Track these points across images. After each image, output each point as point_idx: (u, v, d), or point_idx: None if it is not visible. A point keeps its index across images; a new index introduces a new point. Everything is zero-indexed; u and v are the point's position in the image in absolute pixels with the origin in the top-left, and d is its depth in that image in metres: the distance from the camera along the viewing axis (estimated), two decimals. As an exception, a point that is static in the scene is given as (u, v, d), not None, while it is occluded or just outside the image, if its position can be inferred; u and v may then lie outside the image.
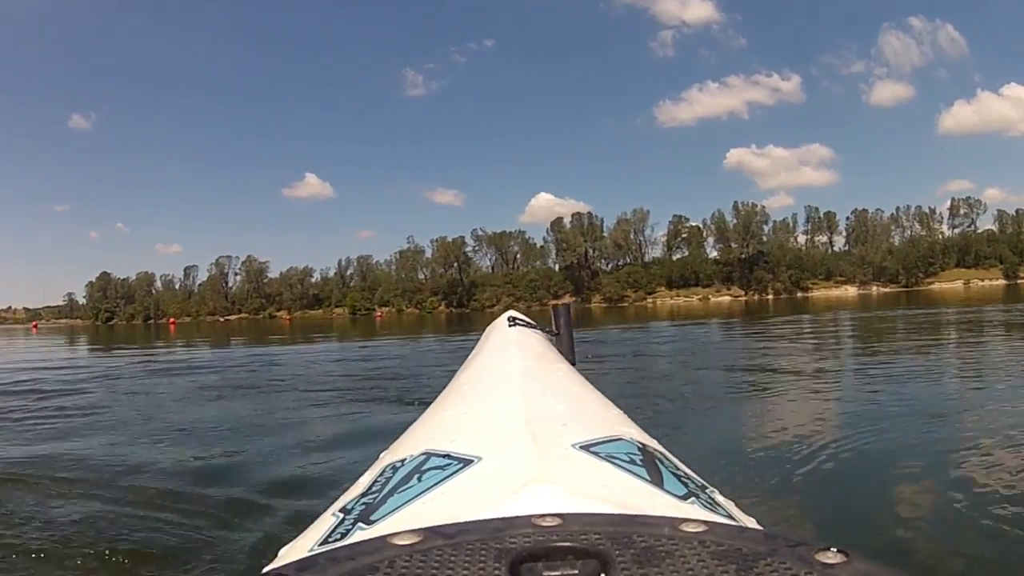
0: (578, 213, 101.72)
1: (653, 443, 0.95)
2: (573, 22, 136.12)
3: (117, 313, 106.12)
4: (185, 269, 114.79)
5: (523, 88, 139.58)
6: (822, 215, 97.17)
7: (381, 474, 0.83)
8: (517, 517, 0.54)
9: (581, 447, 0.79)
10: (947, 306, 25.11)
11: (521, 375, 1.21)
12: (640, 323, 26.12)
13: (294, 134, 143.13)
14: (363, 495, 0.77)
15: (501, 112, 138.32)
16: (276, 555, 0.72)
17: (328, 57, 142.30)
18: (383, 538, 0.50)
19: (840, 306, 34.80)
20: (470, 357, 1.65)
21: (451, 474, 0.74)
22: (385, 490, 0.76)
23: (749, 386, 6.61)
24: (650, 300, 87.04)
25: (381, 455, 0.96)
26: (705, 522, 0.52)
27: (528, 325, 1.86)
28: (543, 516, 0.53)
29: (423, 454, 0.83)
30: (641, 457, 0.82)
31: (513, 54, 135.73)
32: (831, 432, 4.09)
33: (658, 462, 0.82)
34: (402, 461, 0.84)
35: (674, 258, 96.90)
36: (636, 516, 0.56)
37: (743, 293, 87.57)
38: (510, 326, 1.79)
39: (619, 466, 0.76)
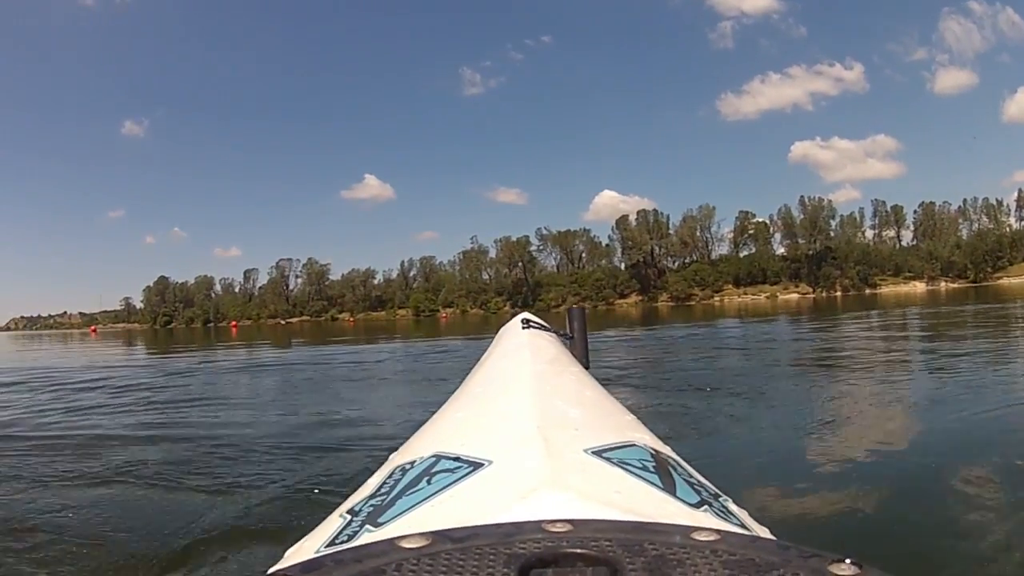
0: (643, 210, 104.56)
1: (666, 449, 0.99)
2: (630, 15, 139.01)
3: (176, 317, 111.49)
4: (245, 272, 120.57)
5: (582, 84, 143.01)
6: (889, 209, 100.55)
7: (390, 476, 0.86)
8: (527, 522, 0.57)
9: (593, 452, 0.83)
10: (1014, 301, 25.69)
11: (533, 378, 1.28)
12: (708, 321, 27.04)
13: (352, 136, 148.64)
14: (371, 497, 0.81)
15: (561, 109, 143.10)
16: (283, 556, 0.74)
17: (383, 58, 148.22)
18: (391, 541, 0.53)
19: (909, 302, 35.46)
20: (482, 359, 1.77)
21: (461, 477, 0.77)
22: (394, 492, 0.79)
23: (811, 383, 6.71)
24: (717, 298, 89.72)
25: (390, 456, 1.00)
26: (718, 531, 0.55)
27: (542, 328, 1.98)
28: (554, 522, 0.56)
29: (433, 456, 0.87)
30: (654, 464, 0.85)
31: (571, 49, 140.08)
32: (881, 439, 4.05)
33: (671, 469, 0.86)
34: (411, 463, 0.88)
35: (741, 255, 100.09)
36: (648, 524, 0.58)
37: (811, 290, 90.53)
38: (523, 328, 1.91)
39: (631, 472, 0.79)
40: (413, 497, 0.75)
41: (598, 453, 0.83)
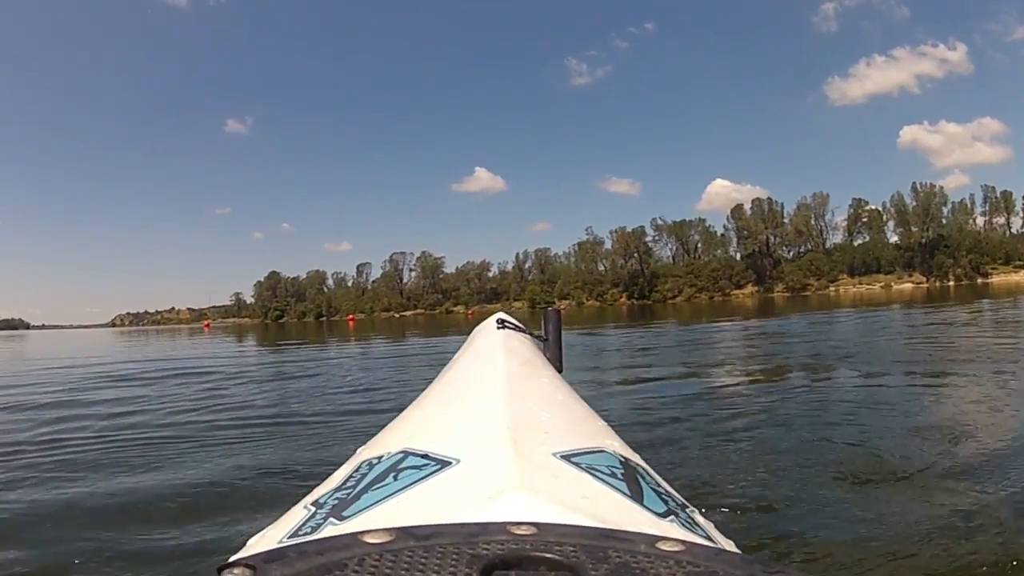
0: (757, 199, 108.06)
1: (635, 457, 1.02)
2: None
3: (287, 311, 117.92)
4: (358, 266, 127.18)
5: (689, 71, 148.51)
6: (999, 194, 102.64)
7: (357, 470, 0.90)
8: (492, 523, 0.59)
9: (562, 456, 0.86)
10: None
11: (505, 379, 1.30)
12: (826, 312, 26.55)
13: (460, 129, 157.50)
14: (337, 490, 0.84)
15: (669, 97, 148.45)
16: (245, 544, 0.78)
17: (489, 51, 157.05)
18: (354, 535, 0.55)
19: (1020, 292, 35.64)
20: (455, 357, 1.84)
21: (428, 475, 0.80)
22: (360, 486, 0.82)
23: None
24: (832, 288, 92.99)
25: (358, 450, 1.03)
26: (683, 542, 0.56)
27: (517, 329, 2.05)
28: (519, 524, 0.58)
29: (401, 452, 0.91)
30: (622, 471, 0.88)
31: (675, 36, 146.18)
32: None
33: (639, 477, 0.89)
34: (379, 458, 0.91)
35: (855, 244, 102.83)
36: (613, 531, 0.60)
37: (924, 280, 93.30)
38: (498, 328, 1.96)
39: (599, 479, 0.82)
40: (379, 492, 0.78)
41: (567, 457, 0.86)
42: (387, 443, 0.99)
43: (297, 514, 0.79)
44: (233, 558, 0.53)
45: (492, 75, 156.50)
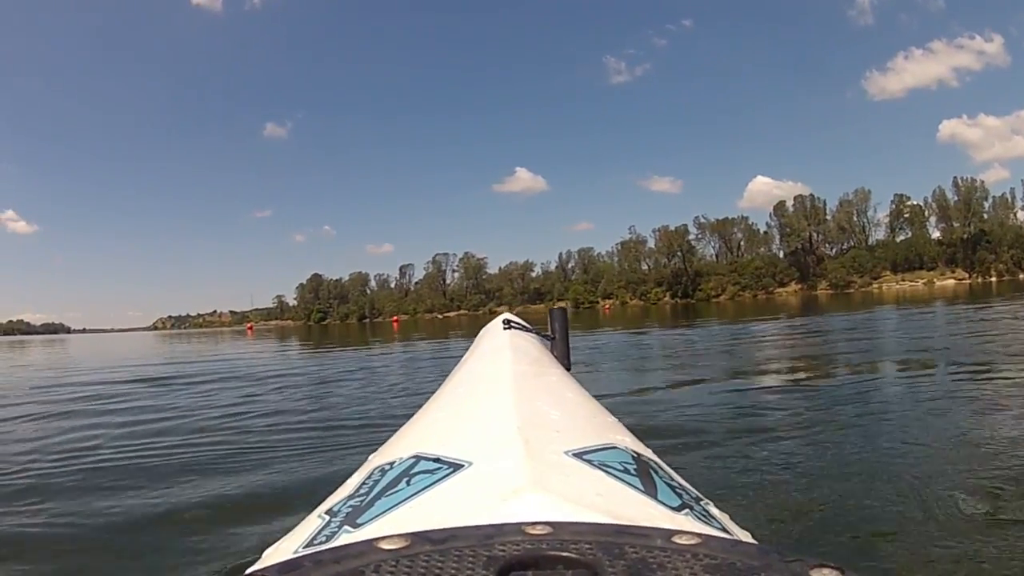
0: (800, 196, 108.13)
1: (647, 452, 1.04)
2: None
3: (330, 313, 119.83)
4: (401, 268, 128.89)
5: (727, 68, 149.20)
6: None
7: (369, 476, 0.92)
8: (507, 524, 0.60)
9: (574, 455, 0.88)
10: None
11: (514, 380, 1.33)
12: (868, 310, 25.59)
13: (500, 130, 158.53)
14: (350, 497, 0.86)
15: (708, 94, 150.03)
16: (260, 556, 0.78)
17: (527, 52, 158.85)
18: (369, 542, 0.56)
19: None
20: (463, 360, 1.85)
21: (441, 478, 0.82)
22: (373, 493, 0.84)
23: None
24: (875, 285, 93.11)
25: (370, 457, 1.06)
26: (699, 534, 0.58)
27: (523, 328, 2.06)
28: (534, 524, 0.59)
29: (413, 457, 0.92)
30: (635, 466, 0.90)
31: (713, 33, 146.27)
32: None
33: (652, 472, 0.91)
34: (391, 464, 0.93)
35: (897, 240, 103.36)
36: (629, 526, 0.61)
37: (967, 276, 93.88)
38: (504, 329, 1.96)
39: (612, 475, 0.84)
40: (392, 498, 0.79)
41: (579, 455, 0.88)
42: (398, 448, 1.01)
43: (311, 523, 0.80)
44: (248, 570, 0.54)
45: (531, 75, 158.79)
